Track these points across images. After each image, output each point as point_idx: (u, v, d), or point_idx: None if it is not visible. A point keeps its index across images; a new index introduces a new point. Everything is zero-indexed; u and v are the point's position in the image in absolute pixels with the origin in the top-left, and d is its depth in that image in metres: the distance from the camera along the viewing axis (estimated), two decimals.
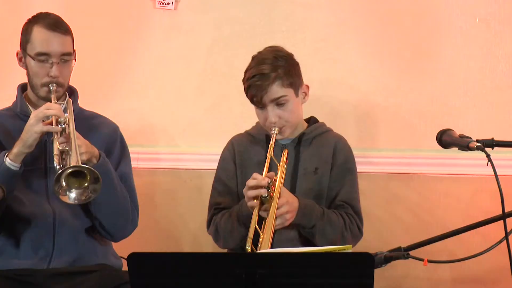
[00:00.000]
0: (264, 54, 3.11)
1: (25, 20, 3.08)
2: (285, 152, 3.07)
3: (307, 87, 3.18)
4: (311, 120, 3.27)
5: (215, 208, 3.17)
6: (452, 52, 3.62)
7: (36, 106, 3.06)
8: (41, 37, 3.00)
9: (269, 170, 3.00)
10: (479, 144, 2.81)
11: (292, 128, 3.14)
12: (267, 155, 3.01)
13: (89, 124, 3.15)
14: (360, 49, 3.64)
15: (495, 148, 2.85)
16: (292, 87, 3.08)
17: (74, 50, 3.08)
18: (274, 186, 2.93)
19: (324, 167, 3.14)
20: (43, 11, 3.10)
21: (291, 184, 3.11)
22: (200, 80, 3.69)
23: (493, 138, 2.86)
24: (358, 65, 3.64)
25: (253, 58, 3.13)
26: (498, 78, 3.62)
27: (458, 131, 2.95)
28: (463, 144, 2.86)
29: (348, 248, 2.55)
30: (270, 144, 3.04)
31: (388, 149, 3.64)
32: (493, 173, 2.70)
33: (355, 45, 3.64)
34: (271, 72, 3.05)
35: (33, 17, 3.06)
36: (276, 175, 2.98)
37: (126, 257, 2.36)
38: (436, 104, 3.63)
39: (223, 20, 3.68)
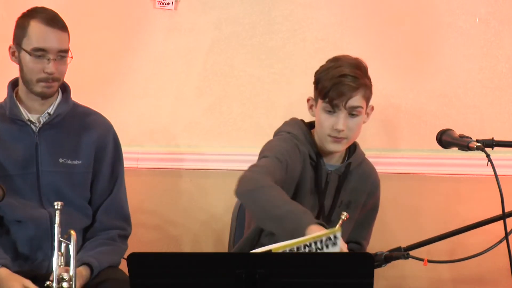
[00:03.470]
0: (353, 60, 2.97)
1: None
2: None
3: (372, 108, 3.03)
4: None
5: (268, 167, 2.80)
6: (452, 52, 3.62)
7: (26, 106, 3.01)
8: (38, 32, 2.93)
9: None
10: (479, 144, 2.81)
11: (348, 144, 2.98)
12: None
13: (82, 122, 3.08)
14: (360, 49, 3.63)
15: (495, 148, 2.85)
16: (367, 102, 2.95)
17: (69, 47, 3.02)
18: None
19: (355, 204, 3.01)
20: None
21: (328, 216, 2.96)
22: (200, 80, 3.69)
23: (493, 138, 2.86)
24: None
25: (340, 59, 2.97)
26: (498, 78, 3.62)
27: (458, 131, 2.95)
28: (463, 144, 2.86)
29: (337, 231, 2.48)
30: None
31: (388, 149, 3.63)
32: (493, 173, 2.70)
33: (355, 45, 3.63)
34: (362, 79, 2.92)
35: (29, 11, 2.99)
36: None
37: (126, 257, 2.36)
38: (436, 104, 3.63)
39: (223, 20, 3.68)
